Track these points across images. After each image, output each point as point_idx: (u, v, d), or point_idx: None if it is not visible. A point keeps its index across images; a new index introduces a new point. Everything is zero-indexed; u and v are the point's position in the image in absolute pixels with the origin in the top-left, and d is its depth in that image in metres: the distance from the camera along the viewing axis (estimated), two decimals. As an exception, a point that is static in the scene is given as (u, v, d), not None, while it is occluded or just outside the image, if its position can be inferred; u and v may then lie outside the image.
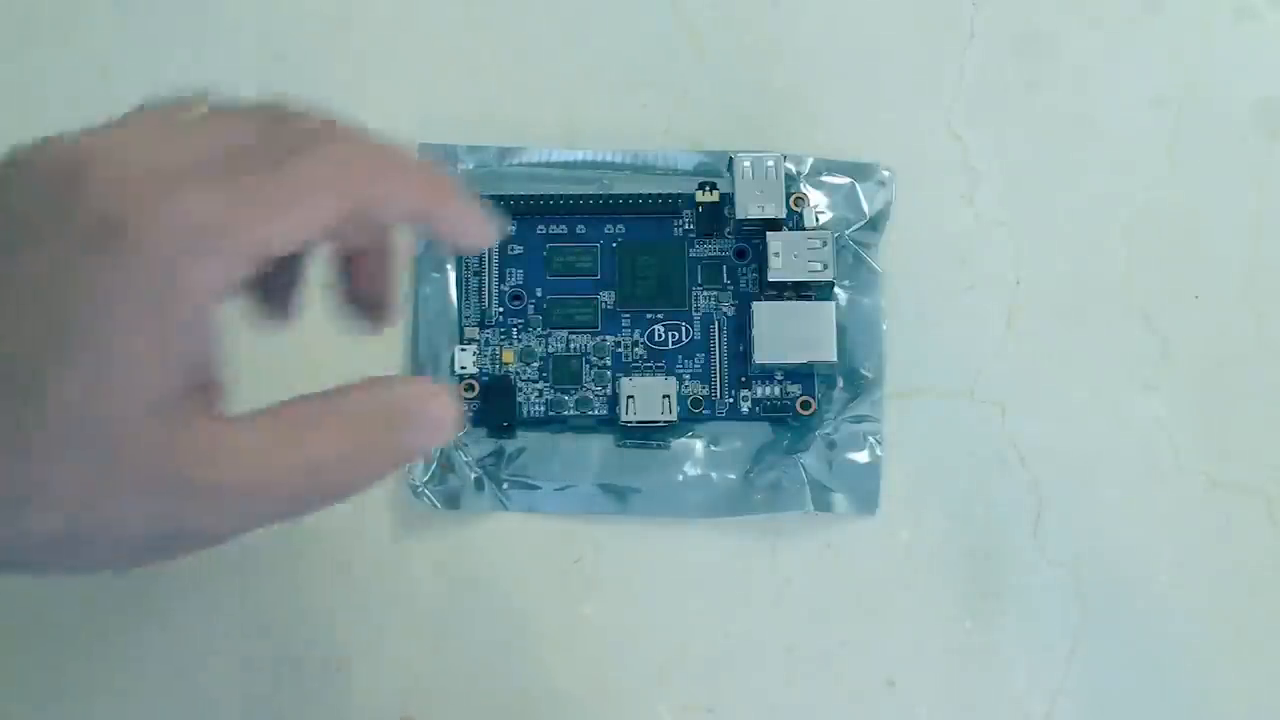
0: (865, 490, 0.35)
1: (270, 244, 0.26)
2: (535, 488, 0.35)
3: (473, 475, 0.35)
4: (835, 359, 0.34)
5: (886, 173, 0.37)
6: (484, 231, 0.29)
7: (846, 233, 0.36)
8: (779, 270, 0.34)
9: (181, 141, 0.27)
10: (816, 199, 0.36)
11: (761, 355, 0.34)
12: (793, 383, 0.35)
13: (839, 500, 0.35)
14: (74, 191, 0.26)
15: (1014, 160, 0.37)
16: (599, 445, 0.36)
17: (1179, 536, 0.35)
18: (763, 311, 0.34)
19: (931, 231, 0.37)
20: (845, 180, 0.37)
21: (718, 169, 0.36)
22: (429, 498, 0.35)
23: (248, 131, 0.27)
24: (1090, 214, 0.37)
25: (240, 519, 0.27)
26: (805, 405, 0.35)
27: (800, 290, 0.35)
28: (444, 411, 0.29)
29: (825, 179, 0.37)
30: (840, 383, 0.36)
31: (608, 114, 0.38)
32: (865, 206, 0.36)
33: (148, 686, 0.35)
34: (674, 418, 0.34)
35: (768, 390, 0.35)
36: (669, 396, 0.34)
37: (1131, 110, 0.38)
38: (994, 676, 0.35)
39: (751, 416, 0.35)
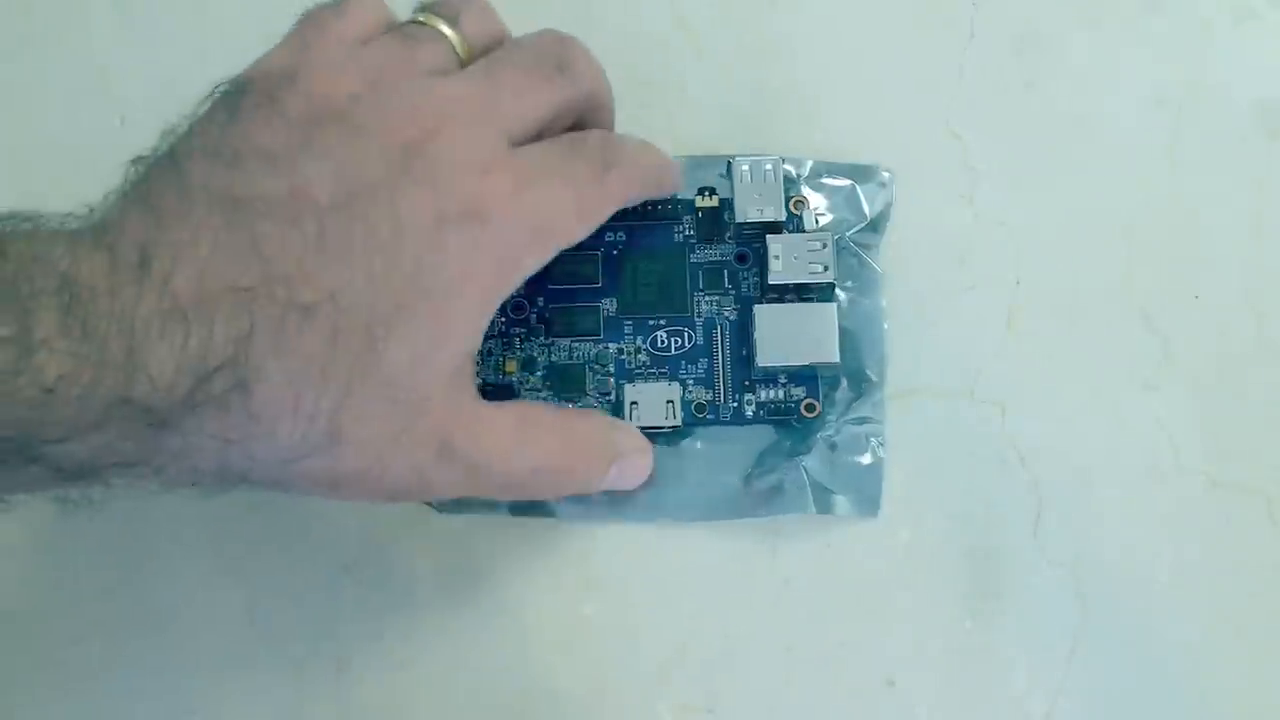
0: (867, 492, 0.35)
1: (576, 239, 0.30)
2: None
3: None
4: (838, 360, 0.34)
5: (886, 174, 0.37)
6: (679, 185, 0.35)
7: (847, 235, 0.36)
8: (780, 273, 0.34)
9: (512, 116, 0.30)
10: (816, 201, 0.36)
11: (764, 358, 0.34)
12: (796, 385, 0.35)
13: (841, 502, 0.35)
14: (432, 169, 0.28)
15: (1014, 160, 0.37)
16: None
17: (1179, 536, 0.35)
18: (764, 314, 0.34)
19: (931, 231, 0.37)
20: (845, 182, 0.37)
21: (713, 162, 0.36)
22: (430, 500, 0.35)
23: (554, 107, 0.31)
24: (1090, 214, 0.37)
25: (465, 489, 0.30)
26: (810, 408, 0.35)
27: (801, 293, 0.35)
28: (646, 468, 0.34)
29: (825, 181, 0.37)
30: (843, 384, 0.35)
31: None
32: (866, 208, 0.36)
33: (147, 687, 0.35)
34: (678, 422, 0.34)
35: (772, 394, 0.35)
36: (673, 402, 0.34)
37: (1131, 110, 0.38)
38: (994, 676, 0.35)
39: (756, 420, 0.35)
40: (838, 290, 0.36)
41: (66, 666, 0.35)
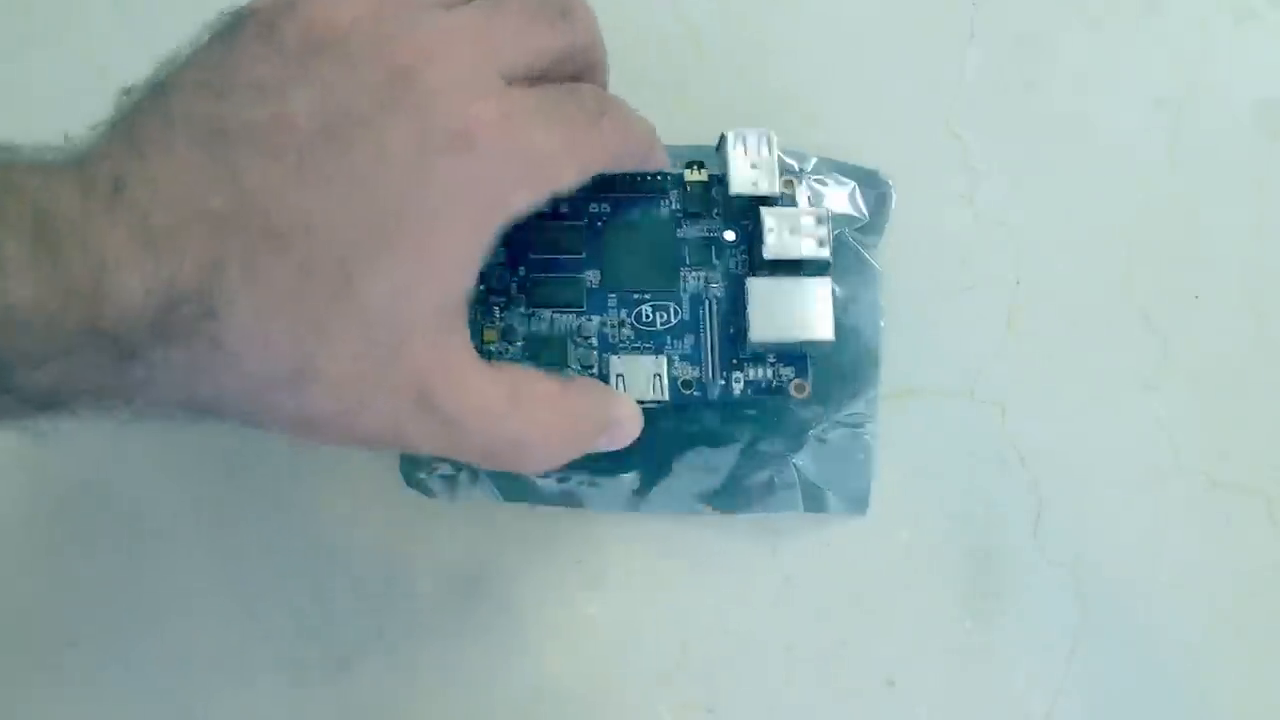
0: (857, 490, 0.35)
1: (566, 186, 0.29)
2: (520, 478, 0.35)
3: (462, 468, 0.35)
4: (832, 338, 0.33)
5: (889, 181, 0.37)
6: (664, 162, 0.34)
7: (846, 230, 0.36)
8: (773, 247, 0.33)
9: (509, 52, 0.29)
10: (817, 199, 0.36)
11: (757, 333, 0.32)
12: (785, 365, 0.34)
13: (830, 500, 0.35)
14: (420, 96, 0.27)
15: (1014, 160, 0.37)
16: None
17: (1179, 536, 0.35)
18: (758, 287, 0.33)
19: (931, 231, 0.37)
20: (847, 182, 0.37)
21: (706, 151, 0.36)
22: (424, 486, 0.35)
23: (554, 52, 0.30)
24: (1090, 214, 0.37)
25: (442, 446, 0.29)
26: (799, 388, 0.33)
27: (795, 269, 0.33)
28: (635, 433, 0.32)
29: (826, 178, 0.37)
30: (836, 380, 0.35)
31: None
32: (865, 208, 0.36)
33: (147, 687, 0.35)
34: (665, 397, 0.33)
35: (760, 372, 0.34)
36: (659, 375, 0.33)
37: (1131, 110, 0.38)
38: (994, 676, 0.35)
39: (744, 400, 0.34)
40: (834, 285, 0.35)
41: (66, 667, 0.35)
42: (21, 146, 0.25)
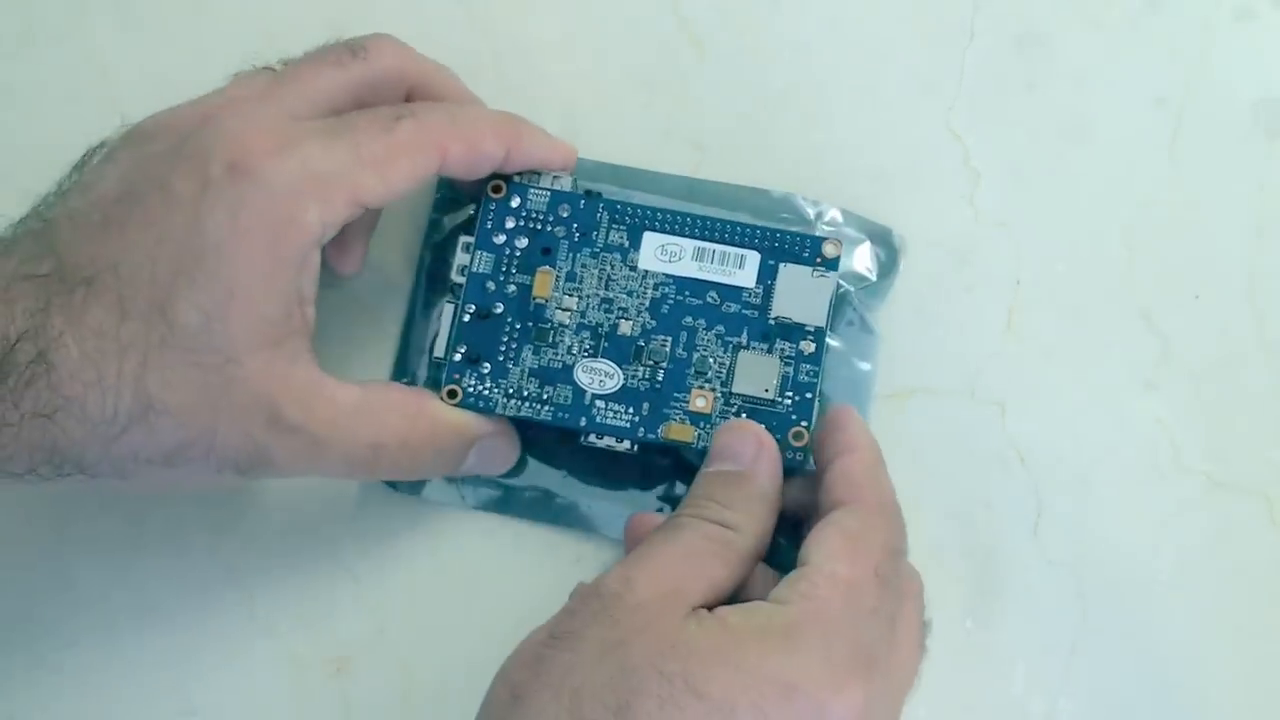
0: None
1: (374, 194, 0.30)
2: (500, 486, 0.35)
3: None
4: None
5: (900, 242, 0.36)
6: (561, 156, 0.34)
7: (854, 291, 0.36)
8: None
9: (294, 96, 0.31)
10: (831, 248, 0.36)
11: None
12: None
13: None
14: (202, 140, 0.30)
15: (1014, 160, 0.37)
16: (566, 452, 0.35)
17: (1179, 536, 0.35)
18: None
19: (931, 231, 0.37)
20: (861, 237, 0.36)
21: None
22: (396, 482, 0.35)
23: (349, 86, 0.32)
24: (1090, 214, 0.37)
25: (311, 463, 0.30)
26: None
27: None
28: (509, 453, 0.34)
29: (844, 231, 0.36)
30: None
31: (608, 114, 0.38)
32: (874, 270, 0.36)
33: (146, 687, 0.35)
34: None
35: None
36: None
37: (1131, 110, 0.38)
38: (994, 676, 0.35)
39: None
40: (834, 342, 0.35)
41: (66, 667, 0.35)
42: None
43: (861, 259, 0.36)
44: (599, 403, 0.33)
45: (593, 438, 0.33)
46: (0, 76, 0.38)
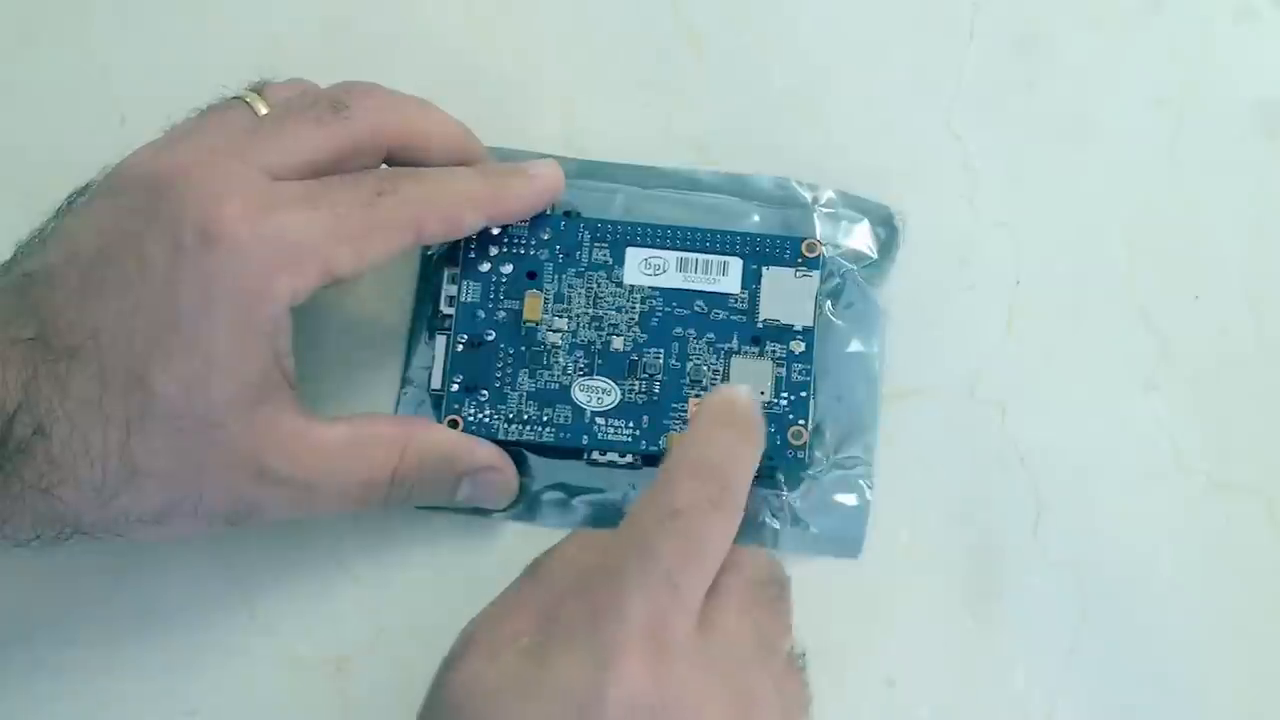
0: (850, 534, 0.35)
1: (347, 267, 0.30)
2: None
3: None
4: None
5: (899, 220, 0.36)
6: (547, 196, 0.34)
7: (855, 269, 0.36)
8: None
9: (273, 153, 0.30)
10: (828, 232, 0.36)
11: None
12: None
13: (822, 543, 0.35)
14: (174, 205, 0.29)
15: (1014, 160, 0.37)
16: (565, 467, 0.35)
17: (1179, 536, 0.35)
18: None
19: (931, 231, 0.37)
20: (860, 217, 0.36)
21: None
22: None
23: (330, 146, 0.31)
24: (1090, 214, 0.37)
25: (303, 507, 0.31)
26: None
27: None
28: (506, 485, 0.34)
29: (841, 211, 0.36)
30: (834, 422, 0.35)
31: (607, 115, 0.38)
32: (874, 248, 0.36)
33: (147, 687, 0.35)
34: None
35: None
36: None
37: (1131, 110, 0.38)
38: (994, 676, 0.35)
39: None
40: (839, 322, 0.35)
41: (66, 667, 0.35)
42: None
43: (861, 237, 0.36)
44: (599, 419, 0.34)
45: (596, 454, 0.34)
46: (0, 76, 0.38)
